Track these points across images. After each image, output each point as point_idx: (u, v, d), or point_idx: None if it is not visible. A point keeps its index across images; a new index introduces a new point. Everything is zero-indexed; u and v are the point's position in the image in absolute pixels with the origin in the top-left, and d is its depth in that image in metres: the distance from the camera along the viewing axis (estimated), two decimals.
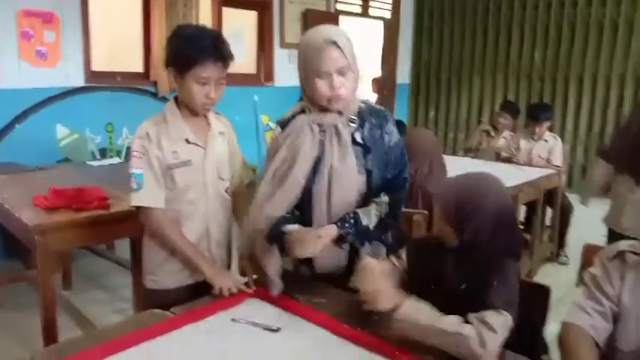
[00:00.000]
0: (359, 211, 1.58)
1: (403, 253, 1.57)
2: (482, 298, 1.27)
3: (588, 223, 3.00)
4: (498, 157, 4.35)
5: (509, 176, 3.56)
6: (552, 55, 6.42)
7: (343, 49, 1.50)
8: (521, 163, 4.13)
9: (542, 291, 1.61)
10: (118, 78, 4.40)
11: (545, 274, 3.74)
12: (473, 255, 1.35)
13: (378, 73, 7.13)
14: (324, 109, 1.57)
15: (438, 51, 7.33)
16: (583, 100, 6.29)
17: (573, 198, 4.32)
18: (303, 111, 1.62)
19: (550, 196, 3.92)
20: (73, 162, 4.01)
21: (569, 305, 1.34)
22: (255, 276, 1.66)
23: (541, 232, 4.06)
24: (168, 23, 4.37)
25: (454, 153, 6.58)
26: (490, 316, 1.23)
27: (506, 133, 4.57)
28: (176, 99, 1.71)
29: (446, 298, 1.32)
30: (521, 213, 3.75)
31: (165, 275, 1.75)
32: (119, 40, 4.60)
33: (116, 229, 2.40)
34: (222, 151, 1.76)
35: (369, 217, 1.58)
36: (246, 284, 1.61)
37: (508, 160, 4.22)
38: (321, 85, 1.51)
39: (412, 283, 1.50)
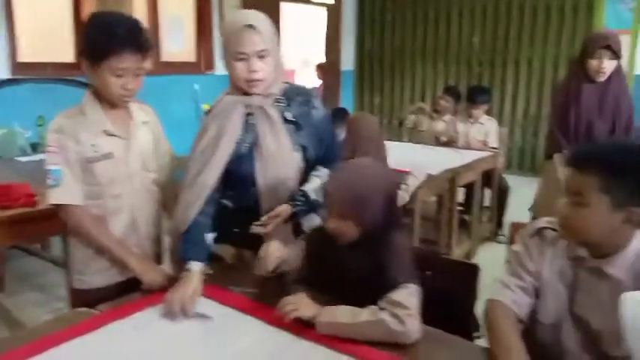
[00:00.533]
0: (305, 188, 1.64)
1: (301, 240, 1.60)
2: (382, 279, 1.31)
3: (526, 203, 3.11)
4: (438, 141, 4.44)
5: (448, 159, 3.67)
6: (490, 39, 6.59)
7: (262, 33, 1.53)
8: (459, 146, 4.23)
9: (472, 270, 1.66)
10: (47, 69, 4.19)
11: (484, 254, 3.87)
12: (372, 241, 1.38)
13: (323, 60, 7.12)
14: (246, 94, 1.60)
15: (381, 37, 7.39)
16: (520, 84, 6.51)
17: (510, 179, 4.48)
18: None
19: (488, 178, 4.05)
20: (2, 158, 3.80)
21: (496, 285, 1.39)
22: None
23: (480, 213, 4.20)
24: (100, 10, 4.19)
25: (400, 139, 6.67)
26: (396, 294, 1.28)
27: (447, 117, 4.65)
28: (95, 89, 1.62)
29: (350, 289, 1.35)
30: (460, 195, 3.85)
31: (93, 274, 1.68)
32: (48, 29, 4.38)
33: (45, 227, 2.28)
34: (146, 141, 1.70)
35: (317, 192, 1.63)
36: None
37: (447, 144, 4.31)
38: (240, 68, 1.55)
39: (310, 272, 1.51)
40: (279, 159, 1.61)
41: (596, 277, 1.25)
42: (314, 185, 1.65)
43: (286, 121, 1.63)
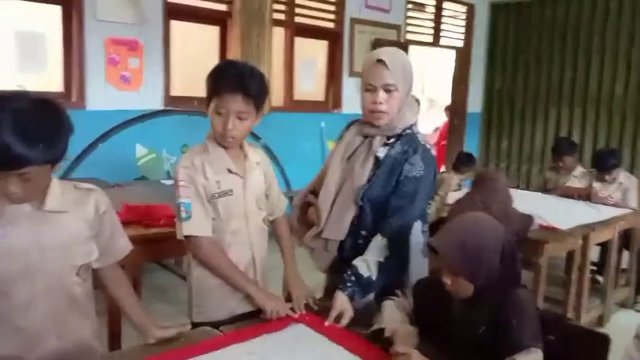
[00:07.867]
0: (356, 263, 1.62)
1: (409, 291, 1.56)
2: (506, 338, 1.25)
3: None
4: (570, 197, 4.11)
5: (582, 215, 3.40)
6: (636, 86, 6.08)
7: (391, 68, 1.63)
8: (592, 201, 3.91)
9: (602, 340, 1.53)
10: (194, 102, 4.61)
11: (618, 322, 3.50)
12: (487, 297, 1.33)
13: (449, 101, 7.05)
14: (371, 125, 1.72)
15: (512, 79, 7.14)
16: None
17: None
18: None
19: (627, 238, 3.69)
20: (149, 180, 4.26)
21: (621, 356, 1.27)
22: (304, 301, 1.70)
23: (616, 275, 3.82)
24: (243, 52, 4.57)
25: (528, 187, 6.33)
26: (522, 358, 1.21)
27: (578, 171, 4.32)
28: None
29: (462, 344, 1.30)
30: (594, 254, 3.54)
31: (213, 306, 1.73)
32: (197, 67, 4.80)
33: (181, 246, 2.49)
34: (259, 180, 1.78)
35: (369, 267, 1.60)
36: (292, 309, 1.65)
37: (581, 198, 4.00)
38: (367, 99, 1.68)
39: (419, 326, 1.47)
40: (355, 178, 1.70)
41: None
42: (365, 259, 1.62)
43: (375, 157, 1.71)
